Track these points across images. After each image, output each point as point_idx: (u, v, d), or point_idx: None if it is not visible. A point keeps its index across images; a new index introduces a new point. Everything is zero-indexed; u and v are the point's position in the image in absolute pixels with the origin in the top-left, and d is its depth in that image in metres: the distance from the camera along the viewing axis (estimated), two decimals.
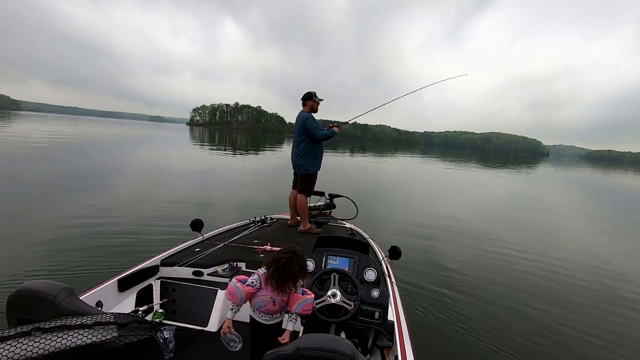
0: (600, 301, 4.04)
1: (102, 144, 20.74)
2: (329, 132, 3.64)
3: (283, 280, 1.48)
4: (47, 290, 1.11)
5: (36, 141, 17.87)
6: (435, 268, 4.58)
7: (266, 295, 1.53)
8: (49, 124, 43.96)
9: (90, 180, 8.81)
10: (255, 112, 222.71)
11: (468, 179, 18.90)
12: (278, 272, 1.47)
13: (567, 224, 8.93)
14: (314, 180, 3.72)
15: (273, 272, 1.48)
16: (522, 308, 3.68)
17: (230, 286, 1.52)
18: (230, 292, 1.50)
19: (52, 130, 29.89)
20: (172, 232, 5.01)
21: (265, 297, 1.53)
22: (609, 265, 5.41)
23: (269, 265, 1.52)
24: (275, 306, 1.55)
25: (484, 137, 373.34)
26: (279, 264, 1.48)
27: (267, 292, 1.53)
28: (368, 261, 2.20)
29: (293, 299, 1.55)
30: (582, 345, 3.08)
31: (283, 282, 1.49)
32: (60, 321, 1.00)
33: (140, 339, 1.09)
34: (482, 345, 2.90)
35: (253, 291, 1.52)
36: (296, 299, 1.54)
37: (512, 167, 34.96)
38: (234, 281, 1.53)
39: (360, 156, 30.52)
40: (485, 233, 6.79)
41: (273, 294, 1.52)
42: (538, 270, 4.86)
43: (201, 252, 2.60)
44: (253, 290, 1.52)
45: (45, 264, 3.69)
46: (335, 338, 0.95)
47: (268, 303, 1.53)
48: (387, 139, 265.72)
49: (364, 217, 4.66)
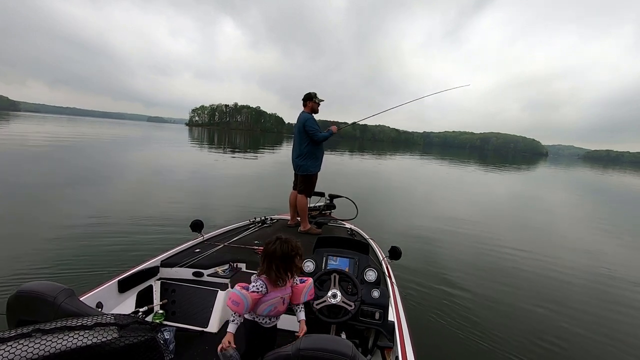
0: (601, 300, 4.04)
1: (102, 145, 20.70)
2: (327, 133, 3.67)
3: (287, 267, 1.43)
4: (48, 291, 1.12)
5: (35, 142, 17.83)
6: (436, 268, 4.58)
7: (276, 297, 1.45)
8: (47, 124, 43.89)
9: (90, 180, 8.79)
10: (254, 113, 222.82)
11: (467, 179, 18.92)
12: (280, 260, 1.41)
13: (567, 224, 8.94)
14: (314, 181, 3.73)
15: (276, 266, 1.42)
16: (523, 308, 3.68)
17: (234, 294, 1.37)
18: (235, 300, 1.36)
19: (51, 131, 29.85)
20: (172, 232, 5.01)
21: (275, 300, 1.45)
22: (608, 264, 5.41)
23: (263, 261, 1.45)
24: (284, 305, 1.49)
25: (483, 137, 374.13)
26: (275, 255, 1.42)
27: (275, 293, 1.45)
28: (368, 261, 2.20)
29: (297, 291, 1.53)
30: (583, 345, 3.08)
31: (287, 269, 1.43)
32: (60, 322, 1.00)
33: (141, 340, 1.08)
34: (483, 345, 2.90)
35: (259, 297, 1.41)
36: (300, 290, 1.53)
37: (511, 167, 35.03)
38: (237, 288, 1.40)
39: (359, 156, 30.54)
40: (485, 233, 6.79)
41: (282, 292, 1.46)
42: (538, 270, 4.87)
43: (201, 253, 2.59)
44: (259, 296, 1.41)
45: (45, 265, 3.68)
46: (335, 339, 0.95)
47: (278, 304, 1.46)
48: (386, 139, 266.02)
49: (364, 217, 4.66)
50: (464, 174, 21.70)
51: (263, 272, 1.45)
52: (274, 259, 1.42)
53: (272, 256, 1.42)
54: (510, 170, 29.91)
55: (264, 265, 1.45)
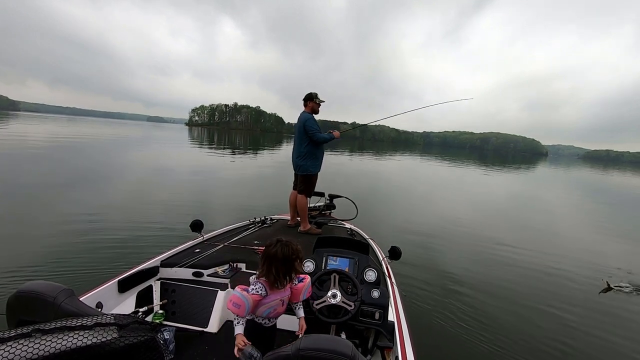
0: (602, 300, 4.04)
1: (102, 145, 20.70)
2: (328, 136, 3.66)
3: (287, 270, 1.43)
4: (47, 291, 1.11)
5: (35, 141, 17.83)
6: (436, 268, 4.58)
7: (275, 299, 1.45)
8: (47, 124, 43.87)
9: (89, 180, 8.80)
10: (254, 113, 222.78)
11: (467, 179, 18.92)
12: (281, 263, 1.41)
13: (567, 224, 8.93)
14: (314, 181, 3.74)
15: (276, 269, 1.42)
16: (523, 308, 3.68)
17: (235, 296, 1.37)
18: (236, 303, 1.35)
19: (51, 131, 29.84)
20: (171, 233, 5.01)
21: (274, 302, 1.45)
22: (611, 264, 5.40)
23: (263, 263, 1.44)
24: (284, 306, 1.51)
25: (482, 137, 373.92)
26: (276, 257, 1.41)
27: (274, 296, 1.45)
28: (368, 262, 2.20)
29: (296, 291, 1.54)
30: (583, 345, 3.08)
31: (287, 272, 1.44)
32: (60, 322, 1.00)
33: (141, 340, 1.09)
34: (483, 345, 2.90)
35: (259, 299, 1.41)
36: (299, 290, 1.54)
37: (511, 167, 35.02)
38: (238, 290, 1.39)
39: (359, 157, 30.53)
40: (485, 233, 6.80)
41: (281, 295, 1.47)
42: (539, 270, 4.87)
43: (201, 253, 2.59)
44: (259, 299, 1.41)
45: (45, 265, 3.68)
46: (335, 339, 0.95)
47: (277, 306, 1.47)
48: (386, 139, 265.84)
49: (364, 217, 4.66)
50: (463, 174, 21.70)
51: (263, 274, 1.45)
52: (274, 261, 1.41)
53: (273, 259, 1.42)
54: (510, 170, 29.92)
55: (264, 268, 1.44)
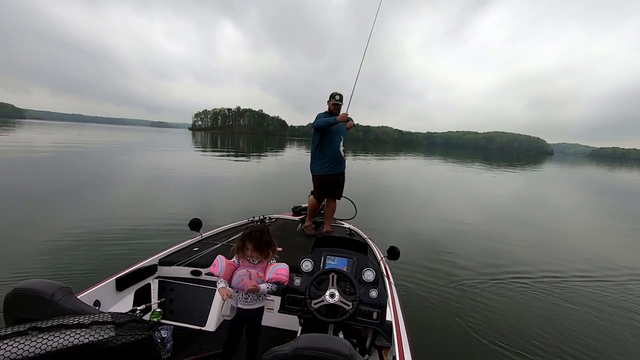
0: (604, 300, 3.99)
1: (106, 150, 20.91)
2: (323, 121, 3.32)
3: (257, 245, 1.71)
4: (45, 289, 1.12)
5: (39, 147, 18.07)
6: (434, 268, 4.55)
7: (243, 269, 1.74)
8: (53, 131, 44.46)
9: (89, 180, 8.90)
10: (256, 116, 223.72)
11: (469, 179, 18.78)
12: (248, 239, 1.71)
13: (574, 223, 8.84)
14: (315, 182, 3.63)
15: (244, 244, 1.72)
16: (522, 309, 3.64)
17: (215, 259, 1.74)
18: (214, 263, 1.73)
19: (56, 138, 30.23)
20: (170, 231, 5.03)
21: (242, 272, 1.73)
22: (619, 265, 5.30)
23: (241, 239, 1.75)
24: (252, 280, 1.71)
25: (486, 137, 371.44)
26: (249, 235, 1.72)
27: (245, 267, 1.74)
28: (366, 261, 2.20)
29: (267, 270, 1.75)
30: (583, 345, 3.04)
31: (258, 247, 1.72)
32: (57, 320, 1.00)
33: (138, 338, 1.09)
34: (481, 345, 2.88)
35: (234, 266, 1.74)
36: (269, 269, 1.75)
37: (516, 166, 34.70)
38: (219, 255, 1.76)
39: (362, 158, 30.47)
40: (485, 233, 6.74)
41: (249, 267, 1.74)
42: (539, 270, 4.81)
43: (199, 252, 2.60)
44: (234, 266, 1.74)
45: (42, 263, 3.71)
46: (333, 338, 0.95)
47: (244, 276, 1.71)
48: (389, 140, 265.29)
49: (363, 217, 4.65)
50: (465, 175, 21.55)
51: (238, 249, 1.76)
52: (245, 237, 1.74)
53: (245, 236, 1.74)
54: (516, 170, 29.64)
55: (239, 244, 1.76)
